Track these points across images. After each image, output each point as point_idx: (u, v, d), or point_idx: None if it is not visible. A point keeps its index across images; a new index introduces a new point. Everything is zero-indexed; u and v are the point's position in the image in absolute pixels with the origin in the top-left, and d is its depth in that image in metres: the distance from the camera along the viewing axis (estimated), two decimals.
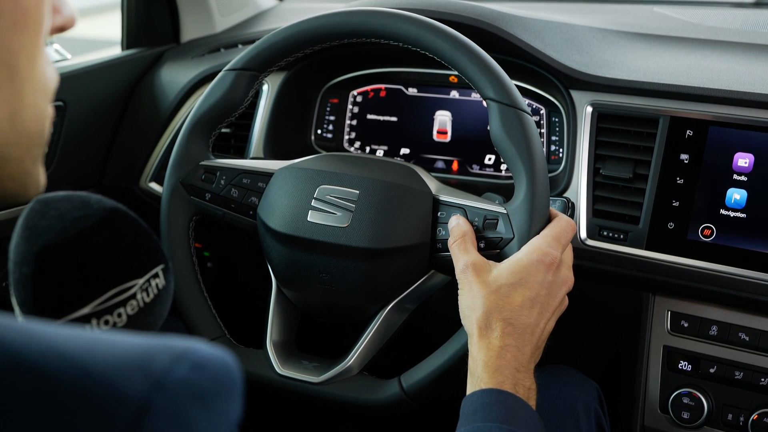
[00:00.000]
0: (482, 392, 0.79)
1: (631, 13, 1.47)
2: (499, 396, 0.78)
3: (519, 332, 0.82)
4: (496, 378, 0.80)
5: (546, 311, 0.85)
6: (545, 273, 0.85)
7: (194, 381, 0.39)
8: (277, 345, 1.03)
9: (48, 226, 0.58)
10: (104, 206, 0.60)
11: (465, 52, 0.93)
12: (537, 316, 0.84)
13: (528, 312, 0.83)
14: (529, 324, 0.83)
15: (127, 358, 0.38)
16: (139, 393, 0.37)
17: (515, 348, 0.82)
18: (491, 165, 1.27)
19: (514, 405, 0.78)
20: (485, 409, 0.77)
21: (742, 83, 1.07)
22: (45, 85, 0.49)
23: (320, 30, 1.00)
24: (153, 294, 0.61)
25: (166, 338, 0.41)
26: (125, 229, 0.61)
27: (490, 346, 0.82)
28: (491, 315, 0.83)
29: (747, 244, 1.03)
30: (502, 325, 0.82)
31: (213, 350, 0.41)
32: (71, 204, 0.60)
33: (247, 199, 1.03)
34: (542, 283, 0.85)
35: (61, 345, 0.38)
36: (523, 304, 0.83)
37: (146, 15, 1.54)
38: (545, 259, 0.85)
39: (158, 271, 0.62)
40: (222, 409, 0.40)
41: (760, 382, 1.05)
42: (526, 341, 0.83)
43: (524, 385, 0.81)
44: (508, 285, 0.84)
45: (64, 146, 1.36)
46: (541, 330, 0.85)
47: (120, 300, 0.59)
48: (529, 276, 0.84)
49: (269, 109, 1.30)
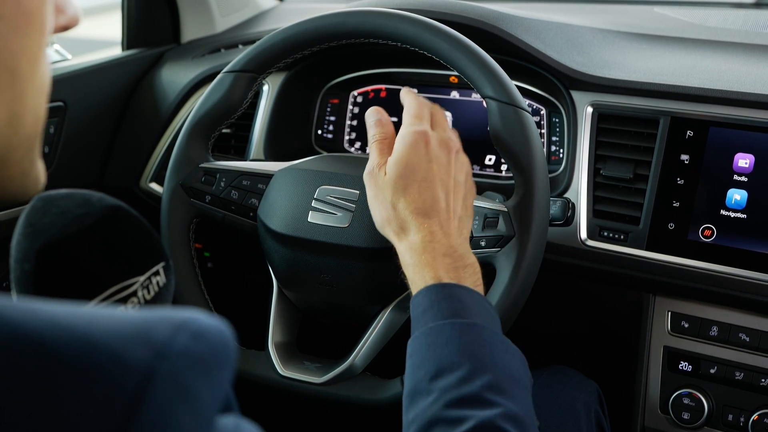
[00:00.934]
0: (426, 290, 0.77)
1: (632, 14, 1.47)
2: (443, 290, 0.76)
3: (430, 216, 0.81)
4: (430, 273, 0.78)
5: (446, 182, 0.83)
6: (424, 149, 0.84)
7: (195, 350, 0.40)
8: (278, 346, 1.03)
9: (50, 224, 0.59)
10: (106, 204, 0.61)
11: (464, 51, 0.93)
12: (440, 192, 0.83)
13: (429, 193, 0.82)
14: (436, 203, 0.82)
15: (129, 329, 0.39)
16: (143, 362, 0.38)
17: (435, 234, 0.80)
18: (491, 165, 1.28)
19: (460, 294, 0.76)
20: (433, 307, 0.75)
21: (742, 84, 1.07)
22: (44, 86, 0.49)
23: (319, 31, 1.00)
24: (154, 291, 0.62)
25: (164, 310, 0.41)
26: (126, 227, 0.61)
27: (412, 246, 0.81)
28: (399, 214, 0.83)
29: (747, 245, 1.03)
30: (413, 217, 0.82)
31: (211, 320, 0.42)
32: (73, 201, 0.60)
33: (247, 200, 1.03)
34: (426, 159, 0.84)
35: (62, 318, 0.39)
36: (420, 189, 0.82)
37: (146, 15, 1.54)
38: (416, 137, 0.85)
39: (159, 268, 0.62)
40: (220, 376, 0.41)
41: (760, 383, 1.05)
42: (443, 221, 0.81)
43: (462, 265, 0.79)
44: (398, 178, 0.83)
45: (64, 147, 1.36)
46: (452, 201, 0.83)
47: (121, 297, 0.60)
48: (410, 160, 0.84)
49: (269, 110, 1.30)
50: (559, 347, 1.37)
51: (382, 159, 0.86)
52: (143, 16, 1.54)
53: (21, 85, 0.46)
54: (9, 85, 0.46)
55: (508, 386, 0.70)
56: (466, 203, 0.86)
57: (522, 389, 0.73)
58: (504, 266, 0.91)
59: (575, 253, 1.11)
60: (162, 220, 1.05)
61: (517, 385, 0.72)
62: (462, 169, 0.87)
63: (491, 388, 0.69)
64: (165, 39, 1.57)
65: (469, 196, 0.87)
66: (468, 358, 0.71)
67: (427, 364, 0.72)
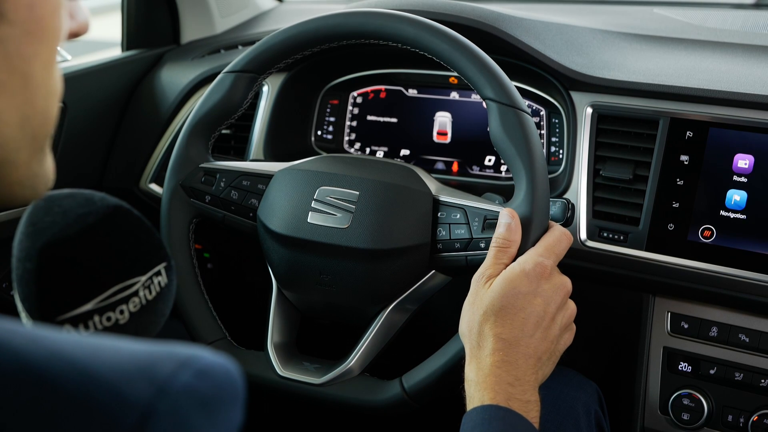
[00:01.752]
0: (481, 408, 0.78)
1: (631, 15, 1.47)
2: (498, 412, 0.78)
3: (511, 346, 0.81)
4: (490, 395, 0.79)
5: (543, 320, 0.83)
6: (537, 282, 0.84)
7: (198, 388, 0.39)
8: (278, 346, 1.03)
9: (52, 223, 0.59)
10: (108, 204, 0.61)
11: (464, 52, 0.94)
12: (532, 328, 0.82)
13: (521, 326, 0.82)
14: (524, 337, 0.82)
15: (131, 364, 0.38)
16: (143, 398, 0.37)
17: (507, 363, 0.80)
18: (491, 166, 1.28)
19: (513, 421, 0.77)
20: (484, 425, 0.77)
21: (742, 84, 1.07)
22: (56, 89, 0.50)
23: (319, 32, 1.00)
24: (155, 292, 0.62)
25: (170, 345, 0.41)
26: (128, 227, 0.61)
27: (480, 365, 0.81)
28: (482, 332, 0.83)
29: (747, 246, 1.03)
30: (493, 341, 0.81)
31: (216, 358, 0.41)
32: (75, 201, 0.60)
33: (247, 201, 1.03)
34: (534, 294, 0.83)
35: (66, 350, 0.38)
36: (514, 319, 0.82)
37: (146, 16, 1.54)
38: (537, 270, 0.84)
39: (161, 269, 0.62)
40: (224, 416, 0.40)
41: (760, 384, 1.05)
42: (520, 354, 0.81)
43: (521, 399, 0.80)
44: (500, 297, 0.83)
45: (64, 147, 1.36)
46: (539, 340, 0.83)
47: (122, 297, 0.60)
48: (519, 287, 0.83)
49: (269, 111, 1.30)
50: None
51: (495, 270, 0.86)
52: (143, 17, 1.54)
53: (33, 89, 0.47)
54: (21, 89, 0.46)
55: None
56: (554, 350, 0.85)
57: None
58: None
59: (575, 254, 1.11)
60: (162, 220, 1.05)
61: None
62: (567, 314, 0.87)
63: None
64: (165, 40, 1.57)
65: (561, 344, 0.87)
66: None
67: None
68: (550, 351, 0.85)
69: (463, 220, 0.94)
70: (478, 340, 0.83)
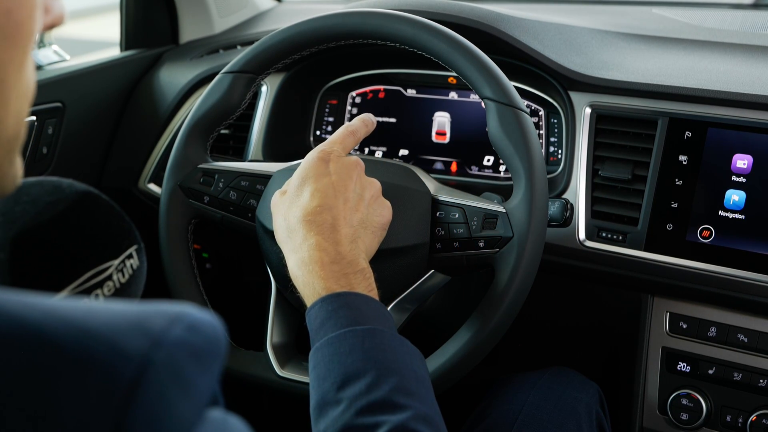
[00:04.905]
0: (320, 301, 0.77)
1: (630, 15, 1.47)
2: (338, 300, 0.77)
3: (317, 224, 0.81)
4: (321, 284, 0.78)
5: (339, 192, 0.84)
6: (324, 165, 0.86)
7: (189, 340, 0.41)
8: (277, 347, 1.02)
9: (22, 212, 0.59)
10: (76, 190, 0.61)
11: (462, 52, 0.94)
12: (332, 201, 0.83)
13: (319, 201, 0.83)
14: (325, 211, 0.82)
15: (125, 320, 0.40)
16: (140, 351, 0.38)
17: (323, 241, 0.80)
18: (490, 166, 1.28)
19: (356, 302, 0.77)
20: (331, 318, 0.76)
21: (740, 84, 1.07)
22: (28, 91, 0.50)
23: (318, 32, 1.00)
24: (128, 274, 0.62)
25: (159, 303, 0.42)
26: (98, 212, 0.61)
27: (301, 259, 0.81)
28: (290, 223, 0.84)
29: (746, 246, 1.03)
30: (300, 225, 0.82)
31: (204, 314, 0.43)
32: (43, 189, 0.61)
33: (245, 201, 1.03)
34: (323, 174, 0.85)
35: (60, 310, 0.39)
36: (312, 198, 0.83)
37: (145, 16, 1.54)
38: (320, 156, 0.87)
39: (132, 251, 0.63)
40: (213, 368, 0.42)
41: (758, 384, 1.05)
42: (331, 229, 0.81)
43: (352, 272, 0.79)
44: (295, 188, 0.86)
45: (62, 147, 1.35)
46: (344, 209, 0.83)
47: (97, 282, 0.60)
48: (309, 171, 0.86)
49: (268, 111, 1.30)
50: (557, 348, 1.37)
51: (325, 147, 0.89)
52: (142, 16, 1.54)
53: (6, 91, 0.47)
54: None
55: (414, 387, 0.71)
56: (367, 218, 0.86)
57: (427, 388, 0.74)
58: (502, 267, 0.91)
59: (574, 254, 1.12)
60: (160, 220, 1.05)
61: (423, 384, 0.73)
62: (368, 187, 0.88)
63: (399, 391, 0.70)
64: (163, 40, 1.57)
65: (373, 214, 0.87)
66: (373, 364, 0.71)
67: (332, 374, 0.72)
68: (362, 220, 0.85)
69: (461, 219, 0.94)
70: (289, 233, 0.83)
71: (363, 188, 0.87)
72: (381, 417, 0.68)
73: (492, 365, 1.14)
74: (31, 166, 1.29)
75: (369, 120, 0.94)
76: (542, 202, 0.92)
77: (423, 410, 0.69)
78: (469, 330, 0.92)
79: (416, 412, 0.68)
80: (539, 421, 1.02)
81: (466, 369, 0.92)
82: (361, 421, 0.68)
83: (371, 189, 0.88)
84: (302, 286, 0.81)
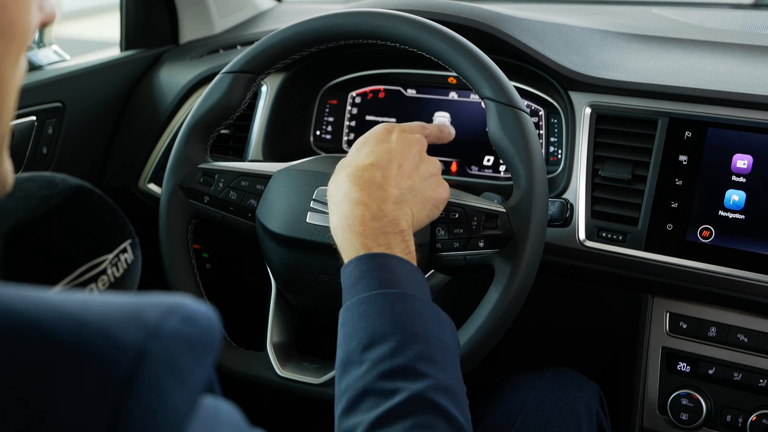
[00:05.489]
0: (357, 260, 0.77)
1: (630, 15, 1.47)
2: (374, 260, 0.76)
3: (366, 182, 0.81)
4: (359, 240, 0.78)
5: (394, 158, 0.84)
6: (384, 135, 0.87)
7: (185, 332, 0.41)
8: (277, 347, 1.03)
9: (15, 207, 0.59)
10: (70, 184, 0.61)
11: (462, 52, 0.94)
12: (387, 165, 0.83)
13: (372, 164, 0.83)
14: (377, 172, 0.82)
15: (120, 312, 0.40)
16: (136, 342, 0.39)
17: (368, 198, 0.80)
18: (490, 166, 1.28)
19: (391, 264, 0.76)
20: (365, 277, 0.75)
21: (740, 84, 1.07)
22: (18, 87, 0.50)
23: (318, 32, 1.00)
24: (122, 269, 0.62)
25: (154, 295, 0.43)
26: (92, 206, 0.61)
27: (341, 210, 0.81)
28: (339, 178, 0.84)
29: (745, 246, 1.03)
30: (349, 180, 0.82)
31: (199, 305, 0.43)
32: (36, 184, 0.61)
33: (245, 201, 1.03)
34: (382, 141, 0.86)
35: (56, 303, 0.40)
36: (366, 157, 0.84)
37: (145, 16, 1.54)
38: (381, 129, 0.88)
39: (126, 246, 0.63)
40: (208, 358, 0.43)
41: (758, 384, 1.05)
42: (378, 188, 0.81)
43: (392, 231, 0.79)
44: (355, 150, 0.87)
45: (62, 147, 1.36)
46: (396, 176, 0.83)
47: (91, 276, 0.60)
48: (371, 136, 0.87)
49: (268, 111, 1.30)
50: (557, 347, 1.37)
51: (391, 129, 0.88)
52: (142, 16, 1.54)
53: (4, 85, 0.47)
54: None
55: (438, 356, 0.71)
56: (418, 187, 0.86)
57: (452, 358, 0.73)
58: (502, 267, 0.91)
59: (574, 254, 1.12)
60: (160, 220, 1.05)
61: (448, 354, 0.73)
62: (428, 162, 0.88)
63: (423, 359, 0.70)
64: (163, 40, 1.57)
65: (426, 187, 0.87)
66: (400, 328, 0.71)
67: (359, 334, 0.72)
68: (412, 187, 0.85)
69: (462, 219, 0.94)
70: (336, 188, 0.84)
71: (421, 161, 0.87)
72: (401, 383, 0.68)
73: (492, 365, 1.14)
74: (31, 166, 1.29)
75: (445, 128, 0.95)
76: (542, 202, 0.92)
77: (444, 380, 0.69)
78: (469, 330, 0.92)
79: (436, 382, 0.68)
80: (539, 422, 1.02)
81: (466, 369, 0.92)
82: (381, 385, 0.68)
83: (430, 165, 0.88)
84: (341, 241, 0.80)
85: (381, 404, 0.67)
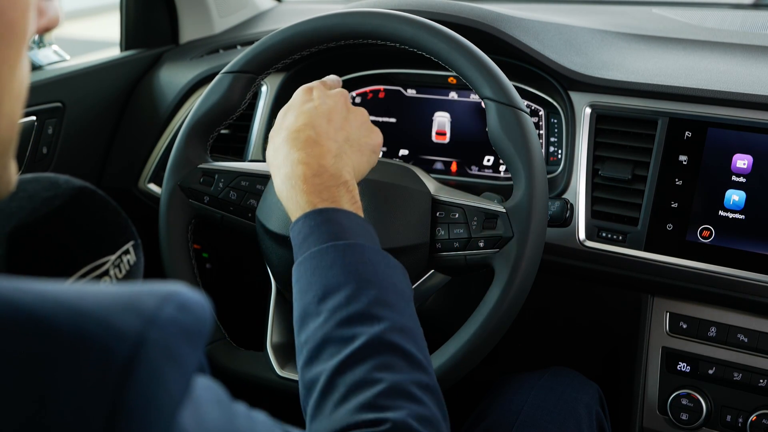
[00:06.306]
0: (304, 217, 0.78)
1: (630, 15, 1.47)
2: (321, 215, 0.77)
3: (302, 141, 0.82)
4: (303, 198, 0.79)
5: (327, 117, 0.85)
6: (309, 92, 0.89)
7: (181, 319, 0.42)
8: (277, 347, 1.03)
9: (18, 207, 0.59)
10: (73, 185, 0.61)
11: (462, 52, 0.94)
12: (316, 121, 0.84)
13: (304, 122, 0.84)
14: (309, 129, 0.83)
15: (117, 300, 0.41)
16: (134, 329, 0.39)
17: (307, 157, 0.81)
18: (490, 166, 1.28)
19: (338, 217, 0.77)
20: (314, 233, 0.76)
21: (740, 84, 1.07)
22: (21, 92, 0.49)
23: (318, 32, 1.00)
24: (125, 270, 0.63)
25: (148, 284, 0.43)
26: (95, 207, 0.62)
27: (283, 172, 0.82)
28: (275, 144, 0.85)
29: (746, 246, 1.03)
30: (286, 143, 0.83)
31: (193, 294, 0.44)
32: (40, 185, 0.61)
33: (245, 201, 1.03)
34: (309, 100, 0.87)
35: (53, 293, 0.40)
36: (296, 120, 0.85)
37: (145, 16, 1.54)
38: (304, 88, 0.90)
39: (129, 247, 0.63)
40: (201, 345, 0.43)
41: (758, 384, 1.05)
42: (314, 144, 0.82)
43: (335, 184, 0.80)
44: (281, 116, 0.88)
45: (62, 147, 1.36)
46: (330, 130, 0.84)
47: (93, 277, 0.60)
48: (294, 100, 0.89)
49: (268, 111, 1.30)
50: (557, 347, 1.37)
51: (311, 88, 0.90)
52: (142, 16, 1.54)
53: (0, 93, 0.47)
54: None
55: (392, 299, 0.73)
56: (353, 137, 0.87)
57: (406, 300, 0.75)
58: (502, 267, 0.91)
59: (574, 254, 1.12)
60: (160, 220, 1.05)
61: (402, 297, 0.75)
62: (355, 112, 0.89)
63: (377, 303, 0.71)
64: (163, 40, 1.57)
65: (360, 135, 0.88)
66: (353, 277, 0.73)
67: (314, 287, 0.73)
68: (347, 137, 0.86)
69: (461, 219, 0.94)
70: (275, 154, 0.85)
71: (349, 111, 0.88)
72: (359, 329, 0.70)
73: (492, 365, 1.14)
74: (31, 166, 1.29)
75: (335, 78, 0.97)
76: (542, 202, 0.92)
77: (400, 321, 0.71)
78: (469, 330, 0.92)
79: (392, 324, 0.70)
80: (539, 421, 1.02)
81: (466, 369, 0.92)
82: (340, 332, 0.70)
83: (358, 114, 0.89)
84: (286, 201, 0.81)
85: (341, 350, 0.68)
